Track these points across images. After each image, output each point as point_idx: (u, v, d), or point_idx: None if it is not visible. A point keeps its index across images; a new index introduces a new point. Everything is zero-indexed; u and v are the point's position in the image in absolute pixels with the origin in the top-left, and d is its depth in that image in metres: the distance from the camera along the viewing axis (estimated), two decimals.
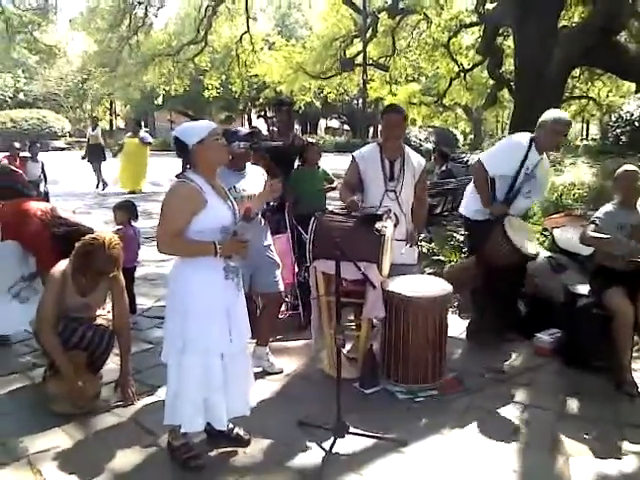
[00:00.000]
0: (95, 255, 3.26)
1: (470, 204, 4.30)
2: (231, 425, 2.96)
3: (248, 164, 3.80)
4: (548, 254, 4.91)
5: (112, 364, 3.60)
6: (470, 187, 4.34)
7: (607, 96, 23.37)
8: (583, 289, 4.10)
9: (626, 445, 3.02)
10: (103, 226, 5.82)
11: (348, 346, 4.01)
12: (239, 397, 2.85)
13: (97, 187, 13.67)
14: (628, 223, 3.72)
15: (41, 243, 4.02)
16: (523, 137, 4.18)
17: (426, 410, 3.38)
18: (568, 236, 4.96)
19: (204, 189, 2.65)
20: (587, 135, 36.92)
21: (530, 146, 4.07)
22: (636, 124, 9.62)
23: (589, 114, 29.41)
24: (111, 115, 39.47)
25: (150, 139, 13.85)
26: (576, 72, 16.59)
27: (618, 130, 10.14)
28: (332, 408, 3.03)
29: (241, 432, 3.00)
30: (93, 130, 14.15)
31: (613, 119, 10.75)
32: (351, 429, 3.01)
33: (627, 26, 13.85)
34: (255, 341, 3.86)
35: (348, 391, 3.40)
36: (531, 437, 3.09)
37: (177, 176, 2.72)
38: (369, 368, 3.64)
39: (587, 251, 4.84)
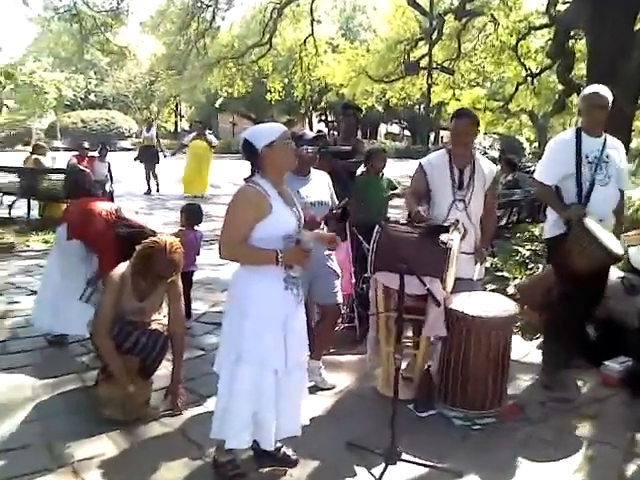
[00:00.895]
0: (155, 258, 3.25)
1: (547, 223, 4.01)
2: (279, 444, 2.87)
3: (312, 169, 3.70)
4: (621, 274, 4.59)
5: (164, 369, 3.58)
6: (548, 210, 4.06)
7: None
8: None
9: None
10: (162, 227, 5.88)
11: (404, 365, 3.86)
12: (291, 416, 2.74)
13: (149, 192, 13.47)
14: None
15: (105, 243, 4.05)
16: (566, 132, 3.93)
17: (484, 439, 3.19)
18: None
19: (270, 194, 2.58)
20: None
21: (579, 135, 3.74)
22: None
23: None
24: (176, 117, 40.43)
25: (215, 141, 13.66)
26: None
27: None
28: (384, 429, 2.90)
29: (289, 452, 2.90)
30: (148, 131, 14.05)
31: None
32: (403, 456, 2.86)
33: None
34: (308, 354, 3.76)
35: (402, 413, 3.23)
36: (596, 476, 2.86)
37: (245, 180, 2.66)
38: (425, 390, 3.48)
39: None
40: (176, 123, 40.83)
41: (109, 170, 9.91)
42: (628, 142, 12.03)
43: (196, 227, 4.89)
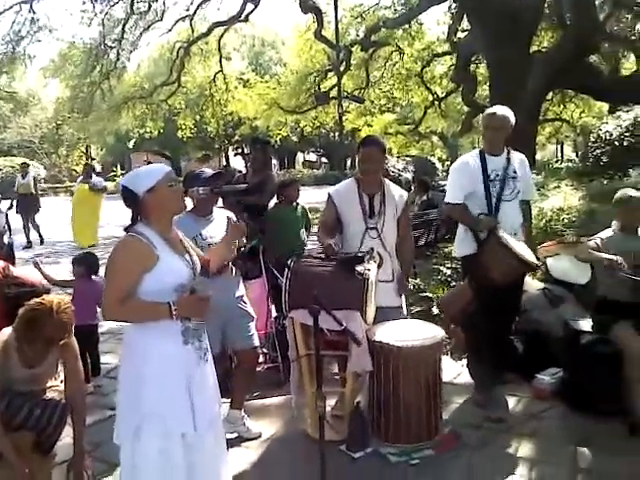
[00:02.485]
0: (42, 322, 2.86)
1: (458, 242, 3.95)
2: None
3: (216, 208, 3.48)
4: (542, 285, 4.61)
5: (68, 438, 3.17)
6: (458, 230, 4.02)
7: (580, 117, 23.64)
8: (585, 324, 3.78)
9: None
10: (70, 276, 5.42)
11: (332, 401, 3.64)
12: None
13: (29, 245, 11.70)
14: (632, 249, 3.42)
15: None
16: (467, 155, 3.95)
17: (423, 475, 3.00)
18: (562, 265, 4.67)
19: (155, 243, 2.31)
20: (562, 156, 37.44)
21: (482, 156, 3.76)
22: (616, 144, 9.46)
23: (563, 136, 29.72)
24: (86, 159, 39.25)
25: (102, 184, 11.67)
26: (549, 95, 16.69)
27: (598, 151, 9.99)
28: (317, 477, 2.64)
29: None
30: (24, 178, 12.15)
31: (592, 139, 10.61)
32: None
33: (598, 48, 14.02)
34: (229, 402, 3.48)
35: (334, 456, 3.03)
36: None
37: (125, 230, 2.38)
38: (357, 428, 3.26)
39: (584, 280, 4.57)
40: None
41: (7, 220, 9.16)
42: (533, 157, 12.60)
43: (95, 276, 4.48)
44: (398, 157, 21.72)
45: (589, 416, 3.49)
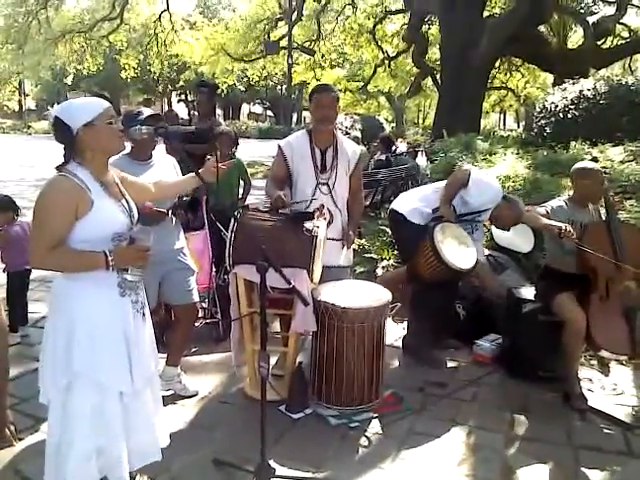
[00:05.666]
0: None
1: (410, 203, 3.88)
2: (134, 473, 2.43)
3: (156, 153, 3.24)
4: (487, 252, 4.62)
5: None
6: (416, 193, 3.94)
7: (524, 87, 24.00)
8: (527, 292, 3.81)
9: (583, 472, 2.72)
10: None
11: (273, 360, 3.55)
12: (147, 441, 2.31)
13: None
14: (579, 221, 3.43)
15: None
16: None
17: (363, 438, 2.96)
18: (507, 233, 4.68)
19: (90, 186, 2.08)
20: (504, 125, 38.10)
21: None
22: (560, 115, 9.60)
23: (507, 105, 30.21)
24: (20, 95, 37.08)
25: None
26: (496, 63, 16.78)
27: (543, 121, 10.13)
28: (255, 438, 2.55)
29: None
30: None
31: (538, 110, 10.73)
32: (277, 470, 2.55)
33: (548, 20, 14.10)
34: (165, 358, 3.33)
35: (274, 417, 2.96)
36: (479, 468, 2.74)
37: (57, 168, 2.14)
38: (297, 389, 3.19)
39: (527, 248, 4.62)
40: (20, 102, 37.49)
41: None
42: (479, 122, 12.67)
43: (20, 219, 4.12)
44: (346, 115, 21.54)
45: (526, 383, 3.55)
